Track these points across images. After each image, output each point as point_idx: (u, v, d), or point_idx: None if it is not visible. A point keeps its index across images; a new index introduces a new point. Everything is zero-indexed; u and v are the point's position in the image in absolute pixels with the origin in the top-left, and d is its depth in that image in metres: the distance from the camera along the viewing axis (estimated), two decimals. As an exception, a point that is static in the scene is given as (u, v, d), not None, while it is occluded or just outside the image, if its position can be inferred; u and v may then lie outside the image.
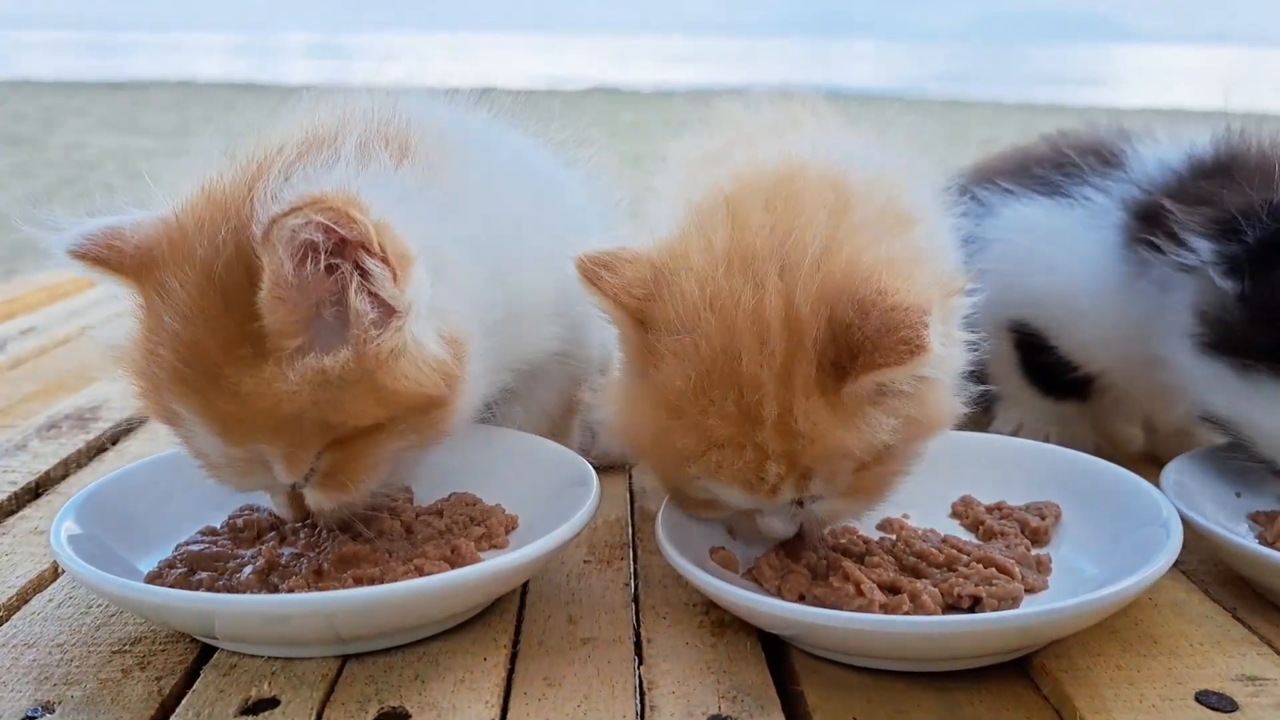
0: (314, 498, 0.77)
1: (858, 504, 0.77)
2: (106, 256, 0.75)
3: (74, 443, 1.13)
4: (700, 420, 0.70)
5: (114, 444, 1.16)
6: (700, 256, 0.73)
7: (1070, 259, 0.99)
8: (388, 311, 0.70)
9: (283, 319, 0.69)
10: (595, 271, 0.75)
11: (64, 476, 1.07)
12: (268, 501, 0.81)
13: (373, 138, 0.77)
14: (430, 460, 0.83)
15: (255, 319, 0.69)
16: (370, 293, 0.69)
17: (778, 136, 0.91)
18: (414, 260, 0.71)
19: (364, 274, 0.69)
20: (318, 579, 0.76)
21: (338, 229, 0.67)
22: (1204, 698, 0.67)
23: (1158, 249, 0.90)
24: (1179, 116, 1.04)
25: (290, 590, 0.74)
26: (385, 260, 0.69)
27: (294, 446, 0.73)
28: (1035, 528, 0.85)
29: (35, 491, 1.03)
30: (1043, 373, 1.08)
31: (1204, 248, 0.86)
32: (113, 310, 1.75)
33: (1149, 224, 0.92)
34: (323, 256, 0.68)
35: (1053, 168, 1.04)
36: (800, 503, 0.74)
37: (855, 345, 0.67)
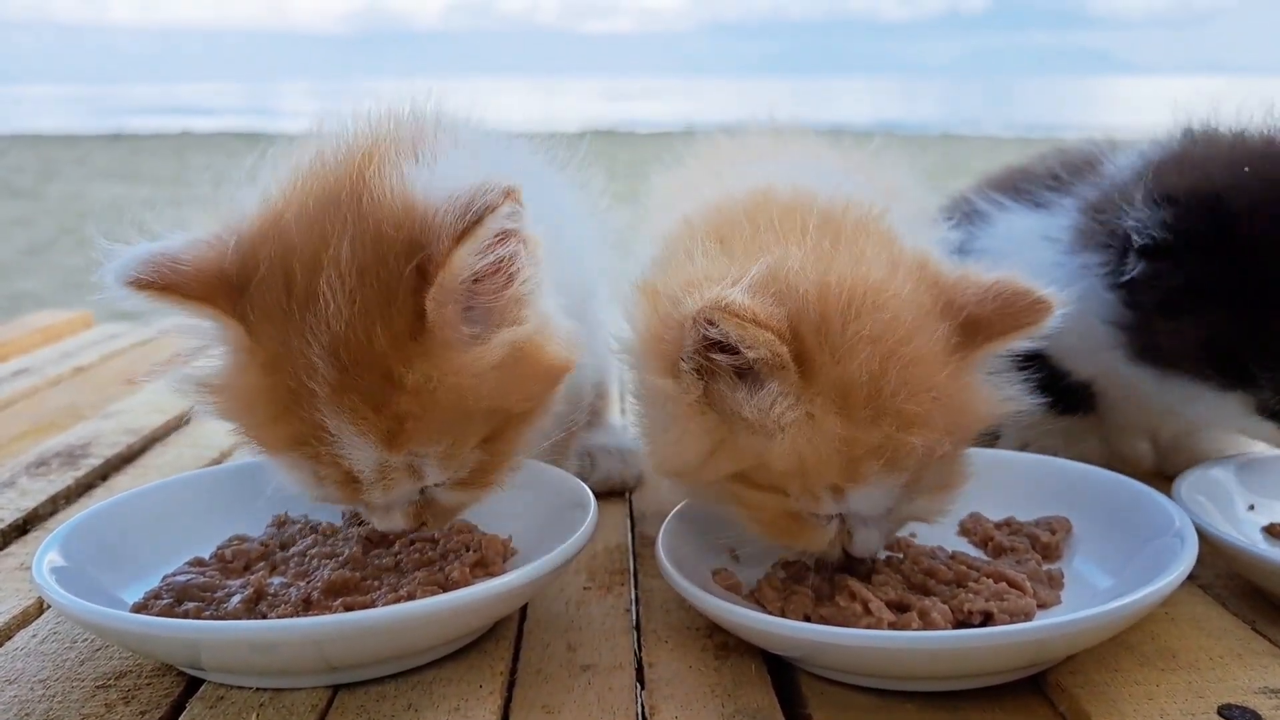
0: (452, 498, 0.76)
1: (946, 497, 0.76)
2: (176, 282, 0.69)
3: (63, 480, 1.11)
4: (895, 411, 0.68)
5: (104, 480, 1.14)
6: (797, 262, 0.71)
7: (1045, 262, 0.96)
8: (534, 289, 0.74)
9: (453, 309, 0.69)
10: (734, 316, 0.66)
11: (52, 513, 1.05)
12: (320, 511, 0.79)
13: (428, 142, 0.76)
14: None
15: (421, 313, 0.68)
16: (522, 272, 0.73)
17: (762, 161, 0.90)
18: (541, 241, 0.74)
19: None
20: (307, 608, 0.74)
21: (516, 218, 0.69)
22: (1226, 711, 0.65)
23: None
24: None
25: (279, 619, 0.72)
26: (526, 241, 0.72)
27: (459, 441, 0.72)
28: (1046, 543, 0.83)
29: (23, 529, 1.01)
30: (1040, 382, 1.06)
31: (1092, 260, 0.88)
32: (107, 350, 1.74)
33: (1095, 223, 0.92)
34: (497, 244, 0.69)
35: (1038, 179, 1.05)
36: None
37: (980, 322, 0.71)
